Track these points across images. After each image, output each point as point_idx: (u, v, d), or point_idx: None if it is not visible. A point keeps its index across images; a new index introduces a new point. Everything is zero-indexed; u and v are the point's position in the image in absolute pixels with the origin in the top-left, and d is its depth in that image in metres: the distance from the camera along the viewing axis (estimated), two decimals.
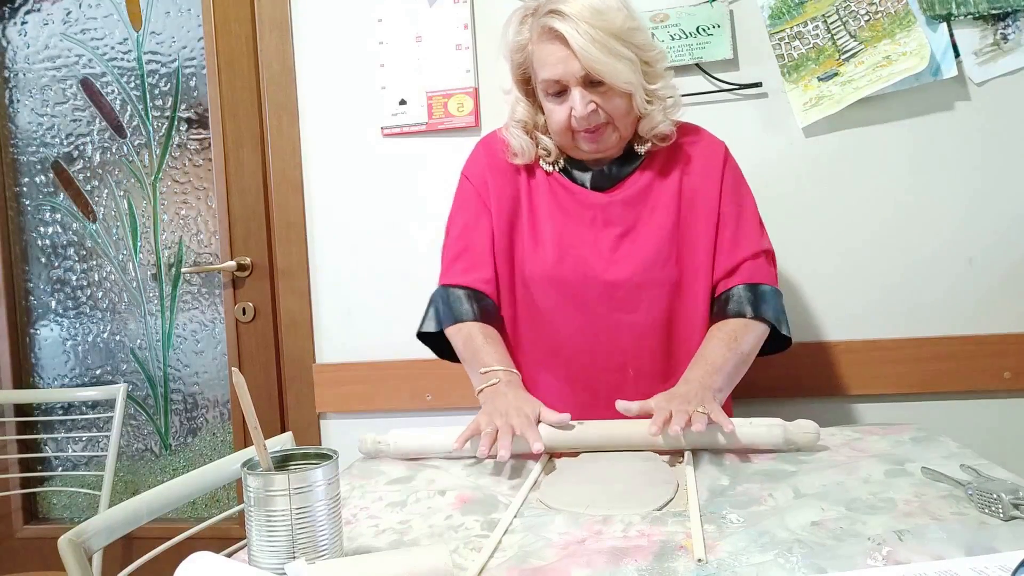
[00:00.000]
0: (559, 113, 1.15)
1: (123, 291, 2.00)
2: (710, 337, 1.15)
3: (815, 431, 0.98)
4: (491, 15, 1.67)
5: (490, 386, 1.10)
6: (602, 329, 1.20)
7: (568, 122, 1.15)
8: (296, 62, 1.77)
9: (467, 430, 1.00)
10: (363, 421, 1.78)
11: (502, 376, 1.11)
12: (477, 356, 1.15)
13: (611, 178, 1.22)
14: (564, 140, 1.19)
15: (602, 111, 1.13)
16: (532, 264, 1.22)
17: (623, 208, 1.20)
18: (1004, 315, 1.53)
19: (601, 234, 1.20)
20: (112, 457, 1.74)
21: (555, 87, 1.14)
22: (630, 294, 1.19)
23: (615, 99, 1.13)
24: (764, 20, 1.56)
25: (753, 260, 1.19)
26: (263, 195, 1.83)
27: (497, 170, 1.25)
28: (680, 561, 0.67)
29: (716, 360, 1.10)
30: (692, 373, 1.09)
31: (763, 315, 1.15)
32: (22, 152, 2.02)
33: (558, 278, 1.20)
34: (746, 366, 1.14)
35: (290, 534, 0.64)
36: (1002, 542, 0.66)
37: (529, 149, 1.22)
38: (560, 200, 1.22)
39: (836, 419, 1.58)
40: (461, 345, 1.19)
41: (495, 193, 1.24)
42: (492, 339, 1.17)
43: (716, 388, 1.06)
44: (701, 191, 1.21)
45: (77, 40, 1.97)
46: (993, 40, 1.49)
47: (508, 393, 1.06)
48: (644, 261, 1.18)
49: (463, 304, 1.20)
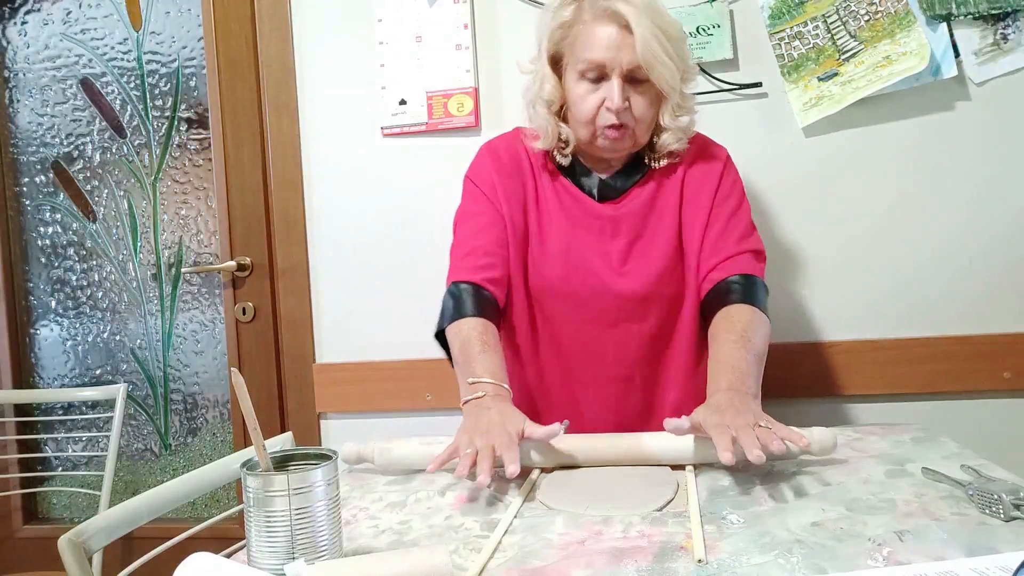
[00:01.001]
0: (590, 101, 1.13)
1: (123, 291, 2.00)
2: (722, 340, 1.09)
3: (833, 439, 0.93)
4: (491, 15, 1.67)
5: (475, 399, 1.04)
6: (610, 339, 1.19)
7: (595, 112, 1.13)
8: (296, 62, 1.77)
9: (444, 452, 0.93)
10: (363, 421, 1.78)
11: (489, 390, 1.04)
12: (469, 364, 1.09)
13: (617, 189, 1.21)
14: (584, 132, 1.16)
15: (631, 112, 1.12)
16: (541, 275, 1.21)
17: (631, 219, 1.19)
18: (1004, 315, 1.53)
19: (609, 245, 1.19)
20: (112, 457, 1.74)
21: (596, 71, 1.12)
22: (640, 305, 1.18)
23: (647, 103, 1.13)
24: (764, 20, 1.56)
25: (741, 255, 1.17)
26: (263, 195, 1.83)
27: (504, 175, 1.23)
28: (680, 562, 0.67)
29: (740, 364, 1.04)
30: (721, 382, 1.02)
31: (760, 306, 1.14)
32: (22, 152, 2.02)
33: (567, 288, 1.19)
34: (763, 365, 1.10)
35: (290, 535, 0.64)
36: (1002, 542, 0.66)
37: (553, 131, 1.19)
38: (567, 208, 1.21)
39: (836, 419, 1.58)
40: (456, 349, 1.14)
41: (504, 197, 1.22)
42: (489, 347, 1.11)
43: (753, 394, 1.00)
44: (697, 201, 1.20)
45: (77, 40, 1.97)
46: (993, 40, 1.49)
47: (492, 408, 1.00)
48: (654, 274, 1.18)
49: (467, 301, 1.17)
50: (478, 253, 1.20)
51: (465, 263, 1.20)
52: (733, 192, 1.22)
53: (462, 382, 1.10)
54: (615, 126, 1.12)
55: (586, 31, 1.13)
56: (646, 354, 1.20)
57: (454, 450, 0.93)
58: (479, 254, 1.20)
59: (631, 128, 1.14)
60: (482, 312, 1.16)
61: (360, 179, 1.76)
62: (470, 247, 1.21)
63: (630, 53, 1.09)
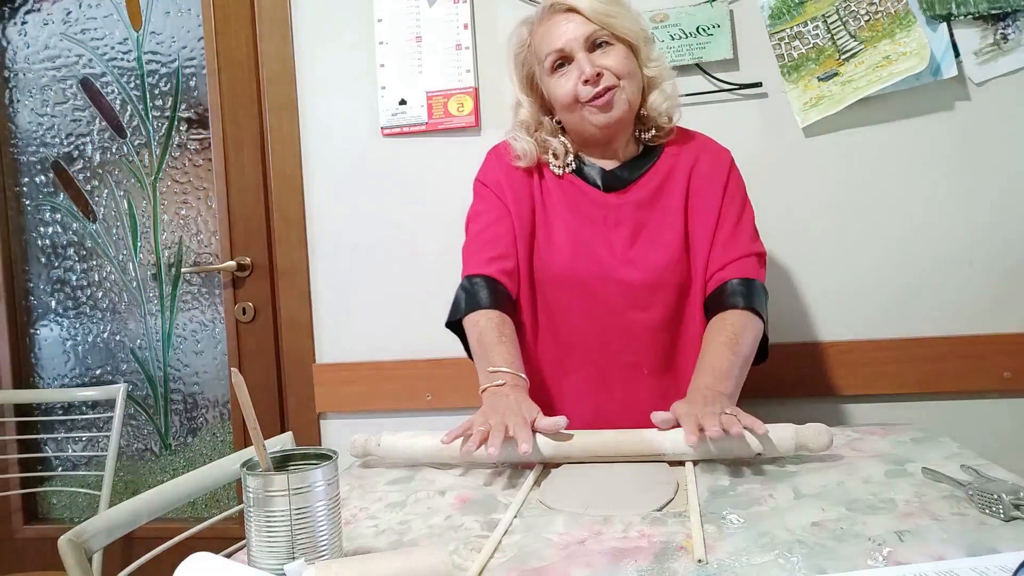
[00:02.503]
0: (566, 85, 1.17)
1: (123, 291, 2.00)
2: (711, 340, 1.14)
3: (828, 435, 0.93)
4: (491, 15, 1.67)
5: (494, 386, 1.08)
6: (616, 328, 1.21)
7: (575, 93, 1.16)
8: (296, 62, 1.77)
9: (459, 428, 0.97)
10: (363, 421, 1.78)
11: (508, 379, 1.08)
12: (488, 354, 1.12)
13: (623, 180, 1.23)
14: (573, 116, 1.20)
15: (608, 72, 1.15)
16: (547, 264, 1.23)
17: (635, 209, 1.22)
18: (1004, 315, 1.53)
19: (614, 234, 1.21)
20: (112, 457, 1.74)
21: (561, 58, 1.17)
22: (645, 293, 1.20)
23: (620, 56, 1.16)
24: (764, 20, 1.56)
25: (747, 258, 1.20)
26: (263, 195, 1.83)
27: (512, 176, 1.26)
28: (680, 562, 0.67)
29: (723, 365, 1.09)
30: (700, 380, 1.08)
31: (757, 309, 1.16)
32: (22, 152, 2.02)
33: (573, 277, 1.21)
34: (748, 367, 1.14)
35: (289, 534, 0.64)
36: (1003, 542, 0.66)
37: (532, 151, 1.24)
38: (573, 200, 1.24)
39: (836, 419, 1.59)
40: (475, 340, 1.17)
41: (512, 197, 1.25)
42: (506, 338, 1.15)
43: (728, 394, 1.05)
44: (706, 195, 1.22)
45: (77, 40, 1.97)
46: (993, 40, 1.49)
47: (510, 395, 1.04)
48: (659, 262, 1.20)
49: (481, 293, 1.19)
50: (490, 248, 1.23)
51: (478, 257, 1.23)
52: (739, 193, 1.25)
53: (481, 371, 1.13)
54: (598, 94, 1.15)
55: (540, 34, 1.20)
56: (652, 343, 1.21)
57: (468, 426, 0.96)
58: (491, 249, 1.23)
59: (617, 86, 1.16)
60: (497, 304, 1.19)
61: (360, 179, 1.76)
62: (482, 243, 1.24)
63: (583, 26, 1.15)
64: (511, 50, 1.26)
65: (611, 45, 1.16)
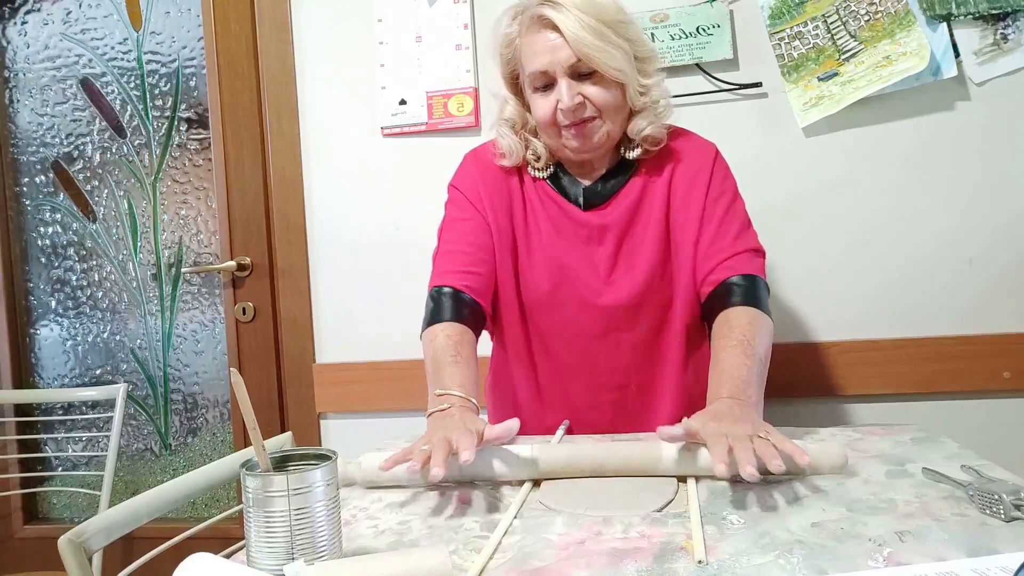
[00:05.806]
0: (545, 106, 1.12)
1: (123, 291, 2.00)
2: (722, 346, 1.06)
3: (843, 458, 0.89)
4: (491, 15, 1.66)
5: (440, 411, 0.99)
6: (601, 349, 1.19)
7: (553, 116, 1.11)
8: (296, 62, 1.77)
9: (400, 452, 0.88)
10: (363, 421, 1.78)
11: (456, 402, 1.00)
12: (438, 375, 1.06)
13: (603, 195, 1.18)
14: (551, 137, 1.15)
15: (591, 104, 1.10)
16: (531, 287, 1.20)
17: (616, 226, 1.18)
18: (1003, 315, 1.53)
19: (596, 254, 1.18)
20: (112, 457, 1.74)
21: (542, 79, 1.11)
22: (629, 313, 1.17)
23: (606, 91, 1.10)
24: (764, 20, 1.56)
25: (743, 253, 1.14)
26: (263, 195, 1.83)
27: (489, 182, 1.22)
28: (680, 562, 0.67)
29: (741, 371, 1.00)
30: (722, 389, 0.98)
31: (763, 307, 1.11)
32: (22, 152, 2.02)
33: (555, 302, 1.19)
34: (766, 369, 1.06)
35: (289, 535, 0.64)
36: (1003, 543, 0.66)
37: (517, 150, 1.19)
38: (553, 218, 1.20)
39: (836, 420, 1.58)
40: (428, 359, 1.10)
41: (490, 205, 1.20)
42: (461, 358, 1.07)
43: (753, 403, 0.97)
44: (689, 198, 1.17)
45: (77, 40, 1.97)
46: (993, 40, 1.49)
47: (455, 415, 0.96)
48: (641, 282, 1.17)
49: (445, 305, 1.15)
50: (461, 258, 1.18)
51: (447, 268, 1.18)
52: (725, 189, 1.19)
53: (430, 394, 1.06)
54: (575, 123, 1.11)
55: (525, 44, 1.13)
56: (638, 361, 1.19)
57: (409, 450, 0.89)
58: (462, 259, 1.18)
59: (596, 120, 1.11)
60: (460, 318, 1.14)
61: (360, 179, 1.76)
62: (453, 252, 1.19)
63: (567, 51, 1.07)
64: (496, 43, 1.18)
65: (596, 74, 1.09)
